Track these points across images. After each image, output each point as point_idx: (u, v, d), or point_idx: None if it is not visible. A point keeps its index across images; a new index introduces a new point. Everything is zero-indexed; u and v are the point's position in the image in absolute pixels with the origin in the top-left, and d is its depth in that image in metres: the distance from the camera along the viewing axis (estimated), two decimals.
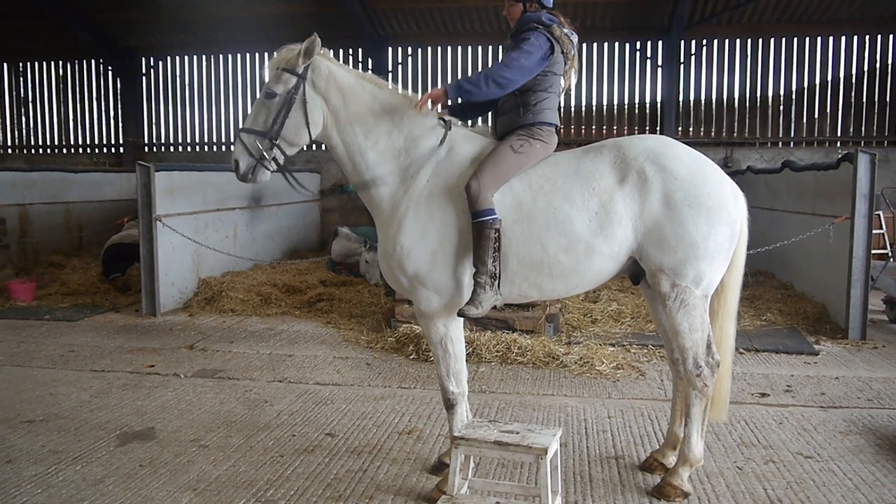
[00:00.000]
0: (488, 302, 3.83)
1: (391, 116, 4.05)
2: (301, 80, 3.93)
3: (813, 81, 14.20)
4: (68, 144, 17.20)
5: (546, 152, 4.07)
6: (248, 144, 3.94)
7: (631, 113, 14.93)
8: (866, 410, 5.45)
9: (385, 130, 4.05)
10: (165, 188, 8.88)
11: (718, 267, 3.88)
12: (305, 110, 3.94)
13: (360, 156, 4.07)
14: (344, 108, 4.02)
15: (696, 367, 3.91)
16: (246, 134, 3.96)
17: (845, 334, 7.51)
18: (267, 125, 3.94)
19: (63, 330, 8.14)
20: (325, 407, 5.55)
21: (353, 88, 4.04)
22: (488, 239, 3.75)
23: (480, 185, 3.79)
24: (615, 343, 7.28)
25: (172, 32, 15.93)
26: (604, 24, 14.55)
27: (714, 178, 3.86)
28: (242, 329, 8.15)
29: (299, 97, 3.93)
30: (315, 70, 3.97)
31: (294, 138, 3.99)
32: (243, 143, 3.95)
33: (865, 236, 7.42)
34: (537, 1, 4.15)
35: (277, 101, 3.92)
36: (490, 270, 3.78)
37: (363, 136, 4.04)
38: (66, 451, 4.66)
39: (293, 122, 3.94)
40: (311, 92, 3.97)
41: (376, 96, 4.07)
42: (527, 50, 3.96)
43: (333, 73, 4.02)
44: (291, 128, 3.95)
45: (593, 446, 4.77)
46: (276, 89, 3.92)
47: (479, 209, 3.76)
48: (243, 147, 3.95)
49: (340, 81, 4.02)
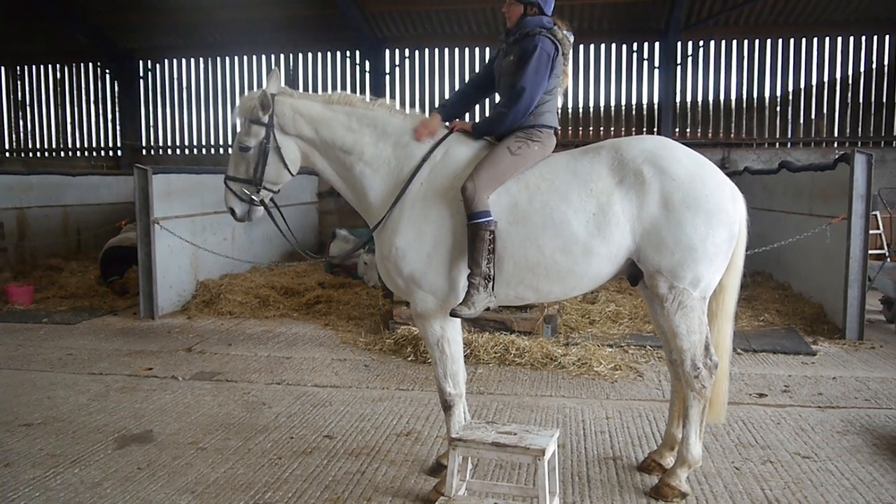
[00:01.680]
0: (481, 303, 3.84)
1: (372, 129, 4.09)
2: (269, 128, 4.05)
3: (809, 82, 14.24)
4: (66, 147, 17.22)
5: (543, 154, 4.07)
6: (236, 191, 4.15)
7: (628, 114, 14.96)
8: (864, 410, 5.46)
9: (369, 143, 4.09)
10: (163, 191, 8.88)
11: (717, 269, 3.88)
12: (280, 155, 4.10)
13: (346, 171, 4.14)
14: (318, 136, 4.11)
15: (695, 369, 3.91)
16: (232, 182, 4.15)
17: (843, 334, 7.52)
18: (249, 174, 4.12)
19: (61, 333, 8.14)
20: (323, 409, 5.55)
21: (322, 116, 4.10)
22: (483, 241, 3.76)
23: (476, 186, 3.79)
24: (613, 344, 7.28)
25: (170, 35, 15.95)
26: (601, 25, 14.59)
27: (713, 179, 3.86)
28: (240, 331, 8.15)
29: (272, 144, 4.07)
30: (279, 115, 4.07)
31: (276, 178, 4.18)
32: (232, 191, 4.16)
33: (862, 237, 7.43)
34: (538, 6, 4.15)
35: (252, 153, 4.08)
36: (484, 272, 3.79)
37: (345, 154, 4.11)
38: (64, 455, 4.66)
39: (272, 168, 4.12)
40: (282, 137, 4.10)
41: (350, 114, 4.11)
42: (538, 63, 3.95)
43: (298, 110, 4.08)
44: (272, 172, 4.13)
45: (591, 447, 4.77)
46: (249, 143, 4.07)
47: (475, 211, 3.77)
48: (233, 194, 4.17)
49: (308, 114, 4.09)
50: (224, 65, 16.32)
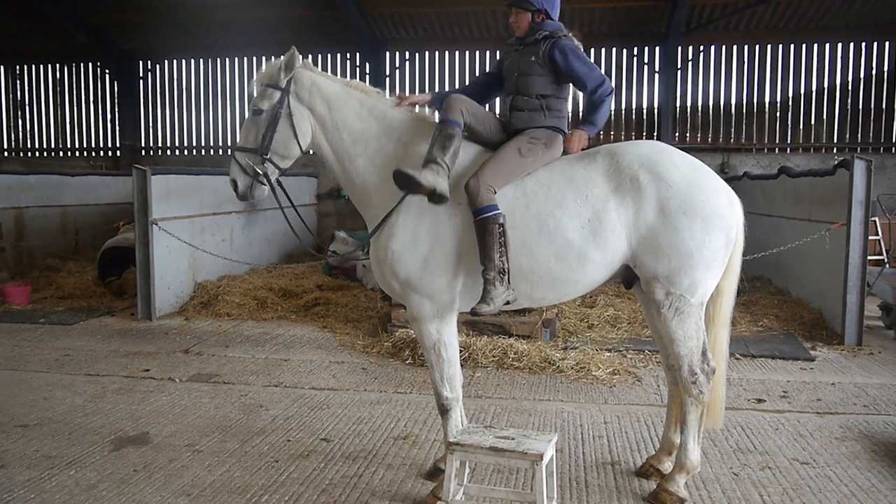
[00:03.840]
0: (500, 298, 3.78)
1: (379, 122, 4.08)
2: (285, 93, 3.99)
3: (809, 88, 14.26)
4: (65, 148, 17.20)
5: (551, 158, 4.05)
6: (242, 163, 4.02)
7: (628, 118, 14.98)
8: (862, 416, 5.45)
9: (374, 136, 4.06)
10: (162, 192, 8.86)
11: (714, 274, 3.87)
12: (292, 122, 4.00)
13: (349, 162, 4.10)
14: (330, 116, 4.05)
15: (692, 375, 3.90)
16: (239, 153, 4.03)
17: (841, 340, 7.51)
18: (257, 142, 4.00)
19: (58, 334, 8.12)
20: (320, 412, 5.54)
21: (338, 96, 4.06)
22: (492, 234, 3.72)
23: (480, 182, 3.78)
24: (612, 348, 7.27)
25: (170, 36, 15.94)
26: (601, 30, 14.60)
27: (709, 184, 3.85)
28: (238, 333, 8.13)
29: (284, 110, 3.99)
30: (298, 82, 4.02)
31: (285, 151, 4.04)
32: (238, 163, 4.02)
33: (861, 242, 7.43)
34: (545, 12, 4.15)
35: (264, 117, 3.99)
36: (497, 266, 3.74)
37: (351, 143, 4.07)
38: (60, 456, 4.64)
39: (282, 136, 4.00)
40: (296, 104, 4.02)
41: (363, 102, 4.08)
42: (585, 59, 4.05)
43: (316, 83, 4.05)
44: (281, 141, 4.01)
45: (589, 452, 4.76)
46: (262, 105, 3.99)
47: (480, 206, 3.74)
48: (239, 167, 4.02)
49: (324, 90, 4.05)
50: (224, 66, 16.31)
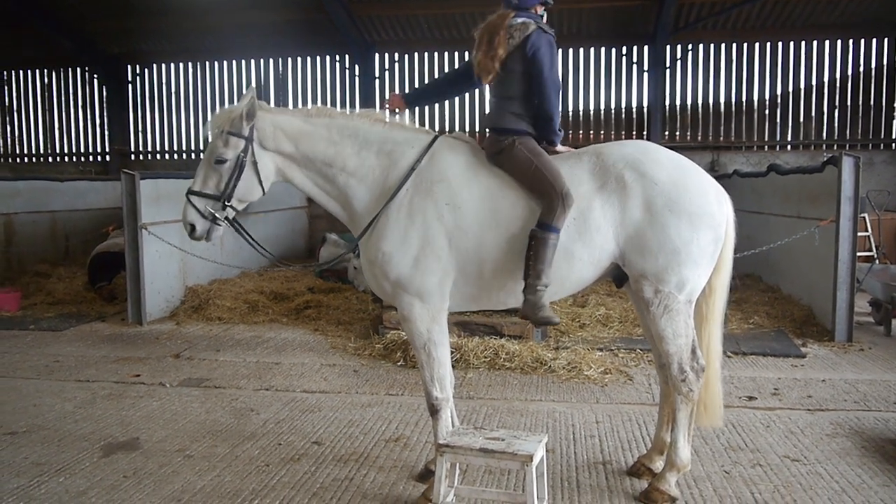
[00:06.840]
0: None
1: (353, 139, 4.04)
2: (249, 141, 3.94)
3: (798, 85, 14.33)
4: (54, 153, 17.12)
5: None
6: (200, 208, 3.97)
7: (618, 118, 15.00)
8: (853, 413, 5.47)
9: (351, 153, 4.04)
10: (151, 196, 8.82)
11: (702, 272, 3.88)
12: (256, 170, 3.98)
13: (329, 184, 4.09)
14: (298, 151, 4.03)
15: (681, 373, 3.91)
16: (197, 197, 3.97)
17: (832, 336, 7.54)
18: (219, 189, 3.96)
19: (48, 340, 8.07)
20: (311, 415, 5.52)
21: (301, 132, 4.03)
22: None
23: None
24: (603, 348, 7.28)
25: (158, 40, 15.90)
26: (589, 30, 14.63)
27: (696, 182, 3.86)
28: (229, 337, 8.10)
29: (249, 158, 3.95)
30: (260, 130, 3.97)
31: (247, 196, 4.05)
32: (195, 207, 3.97)
33: (851, 239, 7.46)
34: None
35: (228, 165, 3.93)
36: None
37: (326, 167, 4.04)
38: (50, 463, 4.61)
39: (246, 183, 3.99)
40: (260, 151, 3.98)
41: (331, 126, 4.05)
42: None
43: (279, 125, 4.01)
44: (244, 188, 3.99)
45: (581, 452, 4.76)
46: (226, 155, 3.92)
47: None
48: (196, 211, 3.97)
49: (288, 129, 4.02)
50: (213, 69, 16.26)
